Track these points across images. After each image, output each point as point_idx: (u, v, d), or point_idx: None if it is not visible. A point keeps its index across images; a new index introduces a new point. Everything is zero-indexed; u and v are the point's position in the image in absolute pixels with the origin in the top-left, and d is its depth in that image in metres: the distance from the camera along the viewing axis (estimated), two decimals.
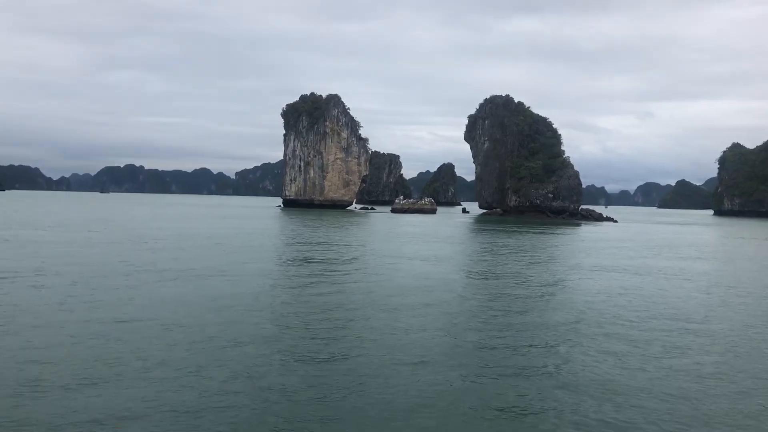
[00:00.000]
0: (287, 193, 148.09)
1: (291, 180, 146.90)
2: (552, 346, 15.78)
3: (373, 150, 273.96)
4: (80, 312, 18.11)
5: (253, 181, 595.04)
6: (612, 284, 27.74)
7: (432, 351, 14.90)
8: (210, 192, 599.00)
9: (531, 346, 15.77)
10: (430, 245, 47.27)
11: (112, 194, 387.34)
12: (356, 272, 29.15)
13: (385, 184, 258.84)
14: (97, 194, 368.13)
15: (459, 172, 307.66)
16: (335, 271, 29.76)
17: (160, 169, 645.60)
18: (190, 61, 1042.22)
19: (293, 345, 15.13)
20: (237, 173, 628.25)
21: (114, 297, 20.70)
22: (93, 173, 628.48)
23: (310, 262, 33.29)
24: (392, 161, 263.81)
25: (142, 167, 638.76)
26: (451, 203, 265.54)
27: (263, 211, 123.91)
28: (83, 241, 41.57)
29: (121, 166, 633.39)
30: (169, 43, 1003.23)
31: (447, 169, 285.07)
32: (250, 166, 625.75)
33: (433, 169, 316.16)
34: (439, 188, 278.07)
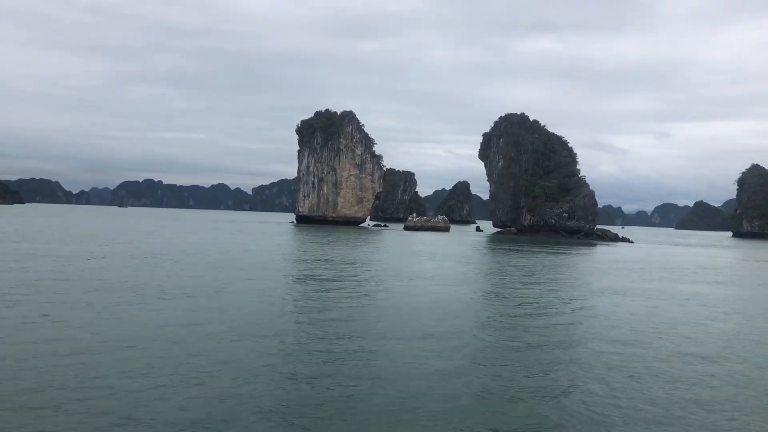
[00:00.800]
0: (300, 210, 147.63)
1: (304, 196, 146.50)
2: (560, 389, 14.22)
3: (389, 167, 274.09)
4: (38, 336, 16.74)
5: (270, 197, 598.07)
6: (626, 311, 26.15)
7: (431, 397, 12.95)
8: (227, 207, 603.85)
9: (537, 392, 14.08)
10: (441, 265, 45.72)
11: (129, 208, 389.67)
12: (362, 296, 27.54)
13: (399, 201, 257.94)
14: (115, 208, 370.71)
15: (475, 190, 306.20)
16: (340, 293, 28.28)
17: (178, 184, 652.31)
18: (209, 78, 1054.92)
19: (281, 384, 13.37)
20: (254, 189, 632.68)
21: (86, 318, 19.46)
22: (112, 187, 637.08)
23: (313, 283, 31.91)
24: (407, 179, 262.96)
25: (160, 182, 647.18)
26: (466, 221, 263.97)
27: (275, 227, 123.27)
28: (76, 255, 40.78)
29: (140, 180, 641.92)
30: (189, 60, 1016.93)
31: (462, 188, 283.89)
32: (267, 182, 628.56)
33: (449, 187, 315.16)
34: (454, 206, 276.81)
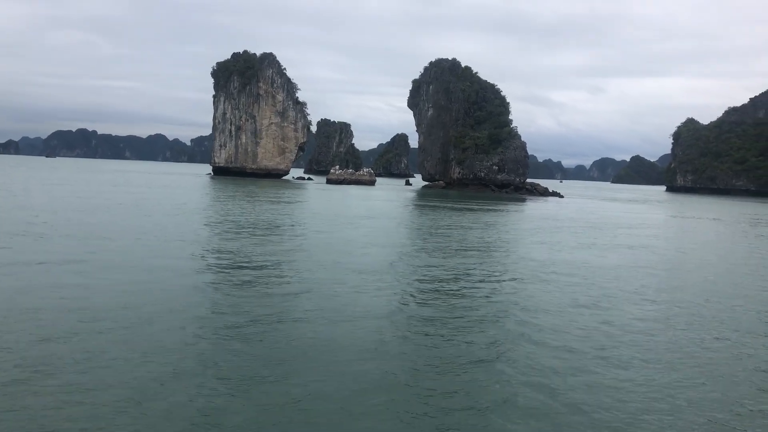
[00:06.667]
0: (217, 161, 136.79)
1: (221, 146, 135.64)
2: None
3: (324, 118, 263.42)
4: None
5: (209, 148, 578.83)
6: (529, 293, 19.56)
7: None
8: (165, 159, 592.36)
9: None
10: (357, 231, 36.90)
11: (58, 159, 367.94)
12: (255, 280, 19.50)
13: (335, 153, 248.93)
14: (42, 159, 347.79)
15: (416, 143, 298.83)
16: (224, 276, 20.05)
17: (113, 135, 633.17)
18: (136, 24, 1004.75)
19: None
20: (192, 140, 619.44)
21: None
22: (44, 137, 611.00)
23: (188, 261, 23.36)
24: (343, 130, 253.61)
25: (95, 132, 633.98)
26: (405, 175, 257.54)
27: (189, 179, 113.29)
28: None
29: (73, 130, 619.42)
30: (115, 4, 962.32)
31: (400, 140, 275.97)
32: (206, 132, 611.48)
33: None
34: (392, 159, 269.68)
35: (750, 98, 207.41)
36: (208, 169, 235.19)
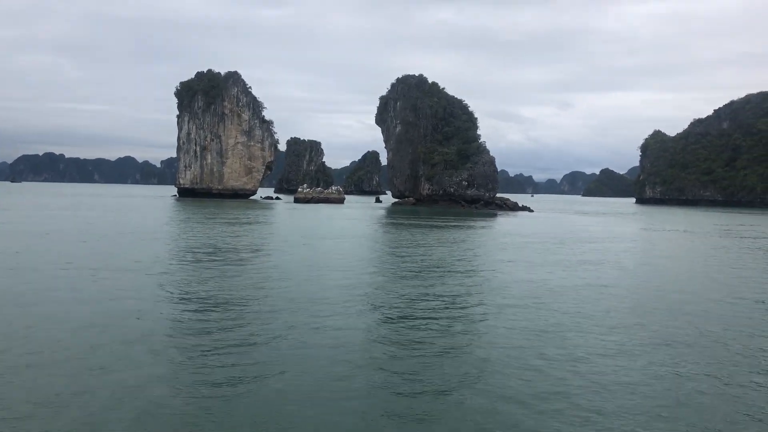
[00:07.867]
0: (182, 182, 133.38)
1: (186, 166, 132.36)
2: None
3: (293, 137, 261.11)
4: None
5: None
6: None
7: None
8: (135, 181, 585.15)
9: None
10: (317, 253, 34.98)
11: (24, 184, 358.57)
12: (204, 321, 17.05)
13: (305, 172, 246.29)
14: (7, 184, 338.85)
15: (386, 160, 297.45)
16: (165, 313, 17.61)
17: (82, 158, 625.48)
18: (101, 46, 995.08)
19: None
20: (162, 161, 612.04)
21: None
22: (10, 162, 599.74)
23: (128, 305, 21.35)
24: (313, 148, 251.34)
25: (62, 155, 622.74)
26: (376, 192, 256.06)
27: (152, 201, 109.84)
28: None
29: (40, 154, 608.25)
30: (78, 27, 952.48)
31: (371, 157, 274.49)
32: (175, 154, 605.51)
33: None
34: (363, 177, 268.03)
35: (714, 110, 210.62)
36: (175, 190, 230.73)
